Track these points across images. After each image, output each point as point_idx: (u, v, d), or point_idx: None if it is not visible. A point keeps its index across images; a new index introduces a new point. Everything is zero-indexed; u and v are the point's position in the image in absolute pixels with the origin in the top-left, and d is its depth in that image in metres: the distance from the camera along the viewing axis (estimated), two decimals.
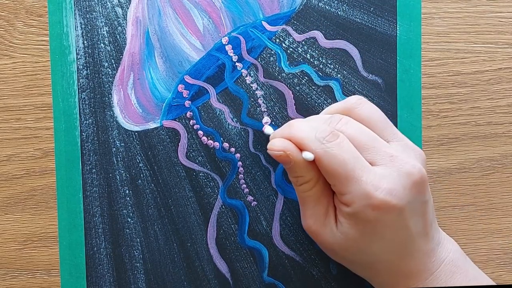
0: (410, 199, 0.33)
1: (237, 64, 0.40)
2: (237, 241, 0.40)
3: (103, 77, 0.40)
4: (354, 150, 0.33)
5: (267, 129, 0.37)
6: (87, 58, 0.39)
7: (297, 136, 0.34)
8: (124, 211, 0.40)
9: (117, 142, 0.40)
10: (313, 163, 0.34)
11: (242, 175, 0.40)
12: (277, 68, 0.40)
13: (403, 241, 0.34)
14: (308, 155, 0.33)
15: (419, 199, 0.34)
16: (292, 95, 0.40)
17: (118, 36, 0.39)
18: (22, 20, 0.39)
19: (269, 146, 0.35)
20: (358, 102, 0.36)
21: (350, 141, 0.33)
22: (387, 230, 0.33)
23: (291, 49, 0.40)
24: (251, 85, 0.40)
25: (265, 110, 0.40)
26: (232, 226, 0.40)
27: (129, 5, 0.39)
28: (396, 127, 0.40)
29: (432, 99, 0.40)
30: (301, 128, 0.34)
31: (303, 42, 0.40)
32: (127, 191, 0.40)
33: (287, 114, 0.40)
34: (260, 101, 0.40)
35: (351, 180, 0.33)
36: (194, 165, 0.40)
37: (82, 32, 0.39)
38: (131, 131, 0.40)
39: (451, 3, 0.40)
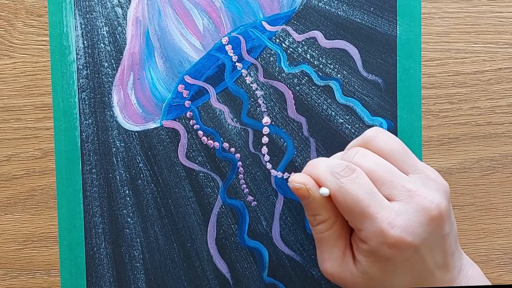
0: (427, 235, 0.32)
1: (237, 64, 0.40)
2: (237, 241, 0.40)
3: (103, 77, 0.40)
4: (370, 185, 0.32)
5: (323, 191, 0.35)
6: (87, 58, 0.39)
7: (314, 172, 0.34)
8: (124, 211, 0.40)
9: (117, 142, 0.40)
10: (331, 201, 0.33)
11: (242, 175, 0.40)
12: (277, 68, 0.40)
13: (423, 274, 0.33)
14: (324, 191, 0.33)
15: (437, 233, 0.33)
16: (292, 95, 0.40)
17: (118, 36, 0.39)
18: (22, 20, 0.39)
19: (290, 179, 0.34)
20: (375, 134, 0.35)
21: (367, 175, 0.33)
22: (407, 265, 0.33)
23: (291, 49, 0.40)
24: (251, 85, 0.40)
25: (265, 110, 0.40)
26: (232, 226, 0.40)
27: (129, 5, 0.39)
28: (396, 127, 0.40)
29: (432, 99, 0.40)
30: (318, 164, 0.34)
31: (303, 42, 0.40)
32: (127, 191, 0.40)
33: (287, 114, 0.40)
34: (260, 101, 0.40)
35: (367, 217, 0.32)
36: (194, 165, 0.40)
37: (82, 32, 0.39)
38: (131, 131, 0.40)
39: (451, 3, 0.40)
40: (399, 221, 0.32)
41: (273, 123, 0.40)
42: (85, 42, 0.39)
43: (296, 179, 0.34)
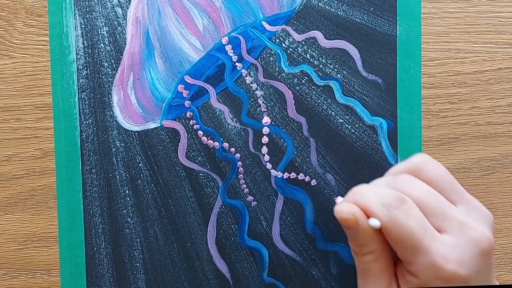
0: (478, 268, 0.31)
1: (237, 64, 0.40)
2: (237, 241, 0.40)
3: (103, 77, 0.40)
4: (421, 217, 0.31)
5: (339, 200, 0.34)
6: (87, 58, 0.39)
7: (362, 202, 0.32)
8: (124, 211, 0.40)
9: (117, 142, 0.40)
10: (379, 233, 0.32)
11: (242, 175, 0.40)
12: (277, 68, 0.40)
13: None
14: (375, 223, 0.31)
15: (486, 266, 0.32)
16: (292, 95, 0.40)
17: (118, 36, 0.39)
18: (22, 20, 0.39)
19: (337, 209, 0.32)
20: (423, 162, 0.33)
21: (417, 206, 0.32)
22: None
23: (291, 49, 0.40)
24: (251, 85, 0.40)
25: (265, 110, 0.40)
26: (232, 226, 0.40)
27: (129, 5, 0.39)
28: (396, 127, 0.40)
29: (432, 99, 0.40)
30: (366, 193, 0.32)
31: (303, 42, 0.40)
32: (127, 191, 0.40)
33: (287, 114, 0.40)
34: (260, 101, 0.40)
35: (419, 251, 0.31)
36: (194, 165, 0.40)
37: (82, 32, 0.39)
38: (131, 131, 0.40)
39: (451, 3, 0.40)
40: (452, 254, 0.31)
41: (273, 123, 0.40)
42: (85, 42, 0.39)
43: (345, 209, 0.32)
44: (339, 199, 0.37)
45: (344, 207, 0.32)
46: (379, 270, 0.33)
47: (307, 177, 0.40)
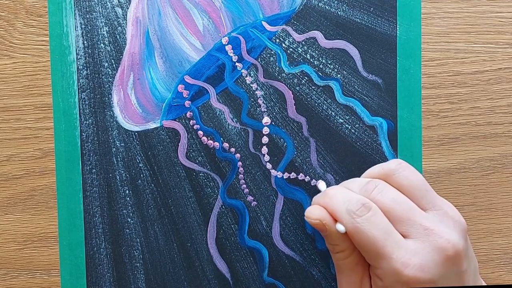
0: (443, 273, 0.32)
1: (237, 64, 0.40)
2: (237, 241, 0.40)
3: (103, 77, 0.40)
4: (386, 224, 0.33)
5: (321, 185, 0.37)
6: (87, 58, 0.39)
7: (331, 207, 0.34)
8: (124, 211, 0.40)
9: (117, 142, 0.40)
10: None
11: (242, 175, 0.40)
12: (277, 68, 0.40)
13: None
14: (340, 228, 0.33)
15: (454, 271, 0.33)
16: (292, 95, 0.40)
17: (118, 36, 0.40)
18: (22, 20, 0.39)
19: (306, 213, 0.35)
20: (397, 168, 0.35)
21: (383, 212, 0.33)
22: None
23: (291, 49, 0.40)
24: (251, 85, 0.40)
25: (265, 110, 0.40)
26: (232, 226, 0.40)
27: (129, 5, 0.39)
28: (396, 127, 0.40)
29: (432, 99, 0.40)
30: (335, 197, 0.34)
31: (303, 42, 0.40)
32: (127, 191, 0.40)
33: (287, 114, 0.40)
34: (260, 101, 0.40)
35: (382, 257, 0.32)
36: (194, 165, 0.40)
37: (82, 32, 0.39)
38: (131, 131, 0.40)
39: (451, 3, 0.40)
40: (414, 260, 0.32)
41: (273, 123, 0.40)
42: (85, 42, 0.39)
43: (312, 215, 0.34)
44: (319, 183, 0.38)
45: (313, 211, 0.35)
46: (351, 266, 0.35)
47: (307, 177, 0.40)
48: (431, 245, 0.32)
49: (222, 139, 0.40)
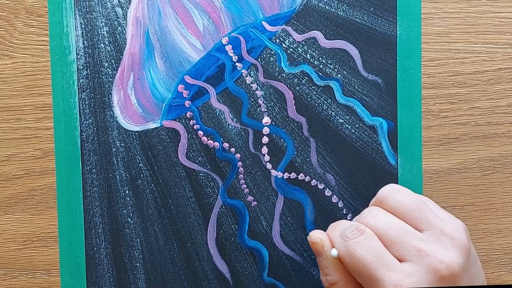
0: None
1: (237, 64, 0.40)
2: (237, 241, 0.40)
3: (103, 77, 0.40)
4: (379, 247, 0.33)
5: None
6: (87, 58, 0.39)
7: (330, 232, 0.35)
8: (124, 211, 0.40)
9: (117, 142, 0.40)
10: (343, 264, 0.34)
11: (242, 175, 0.40)
12: (277, 68, 0.40)
13: None
14: (334, 252, 0.34)
15: None
16: (292, 95, 0.40)
17: (118, 36, 0.40)
18: (22, 20, 0.39)
19: (310, 233, 0.36)
20: (388, 193, 0.35)
21: (378, 236, 0.33)
22: None
23: (291, 49, 0.40)
24: (251, 85, 0.40)
25: (265, 110, 0.40)
26: (232, 226, 0.40)
27: (129, 5, 0.39)
28: (396, 127, 0.40)
29: (432, 99, 0.40)
30: (335, 226, 0.35)
31: (303, 42, 0.40)
32: (127, 191, 0.40)
33: (287, 114, 0.40)
34: (260, 101, 0.40)
35: (374, 280, 0.32)
36: (194, 165, 0.40)
37: (82, 32, 0.39)
38: (131, 131, 0.40)
39: (451, 3, 0.40)
40: (407, 282, 0.32)
41: (273, 123, 0.40)
42: (85, 42, 0.39)
43: (315, 234, 0.35)
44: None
45: (315, 233, 0.35)
46: None
47: (307, 177, 0.40)
48: (424, 266, 0.32)
49: (222, 139, 0.40)
